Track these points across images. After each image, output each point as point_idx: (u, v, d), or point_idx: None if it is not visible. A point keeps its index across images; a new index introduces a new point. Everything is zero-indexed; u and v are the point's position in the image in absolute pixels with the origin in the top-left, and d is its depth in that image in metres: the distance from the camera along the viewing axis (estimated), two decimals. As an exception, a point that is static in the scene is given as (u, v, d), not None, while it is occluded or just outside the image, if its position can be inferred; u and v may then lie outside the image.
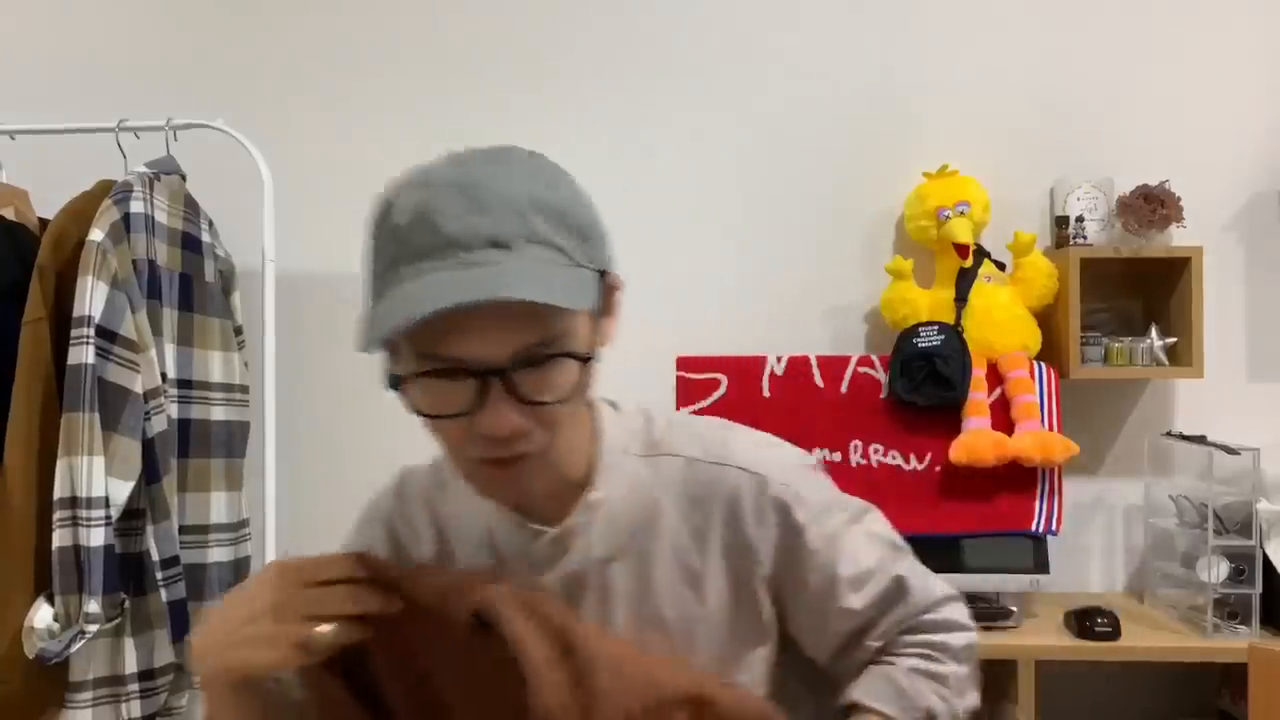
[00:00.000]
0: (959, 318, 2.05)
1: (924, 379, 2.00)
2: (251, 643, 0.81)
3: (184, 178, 1.99)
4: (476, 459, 0.81)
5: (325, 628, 0.82)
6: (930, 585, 0.97)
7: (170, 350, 1.90)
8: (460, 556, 0.96)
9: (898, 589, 0.95)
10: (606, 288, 0.85)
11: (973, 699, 0.96)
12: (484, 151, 0.81)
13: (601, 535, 0.92)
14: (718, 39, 2.25)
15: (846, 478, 2.01)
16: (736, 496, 0.93)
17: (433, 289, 0.74)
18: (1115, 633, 1.87)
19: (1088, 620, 1.88)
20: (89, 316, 1.74)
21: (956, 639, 0.96)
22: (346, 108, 2.29)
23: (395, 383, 0.80)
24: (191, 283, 1.97)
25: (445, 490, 0.99)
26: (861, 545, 0.95)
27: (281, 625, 0.81)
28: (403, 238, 0.77)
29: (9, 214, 1.91)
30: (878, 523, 0.99)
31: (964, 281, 2.08)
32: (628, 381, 2.19)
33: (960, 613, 0.97)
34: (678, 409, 2.04)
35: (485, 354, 0.76)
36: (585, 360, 0.81)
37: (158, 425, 1.81)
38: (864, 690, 0.93)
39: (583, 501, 0.91)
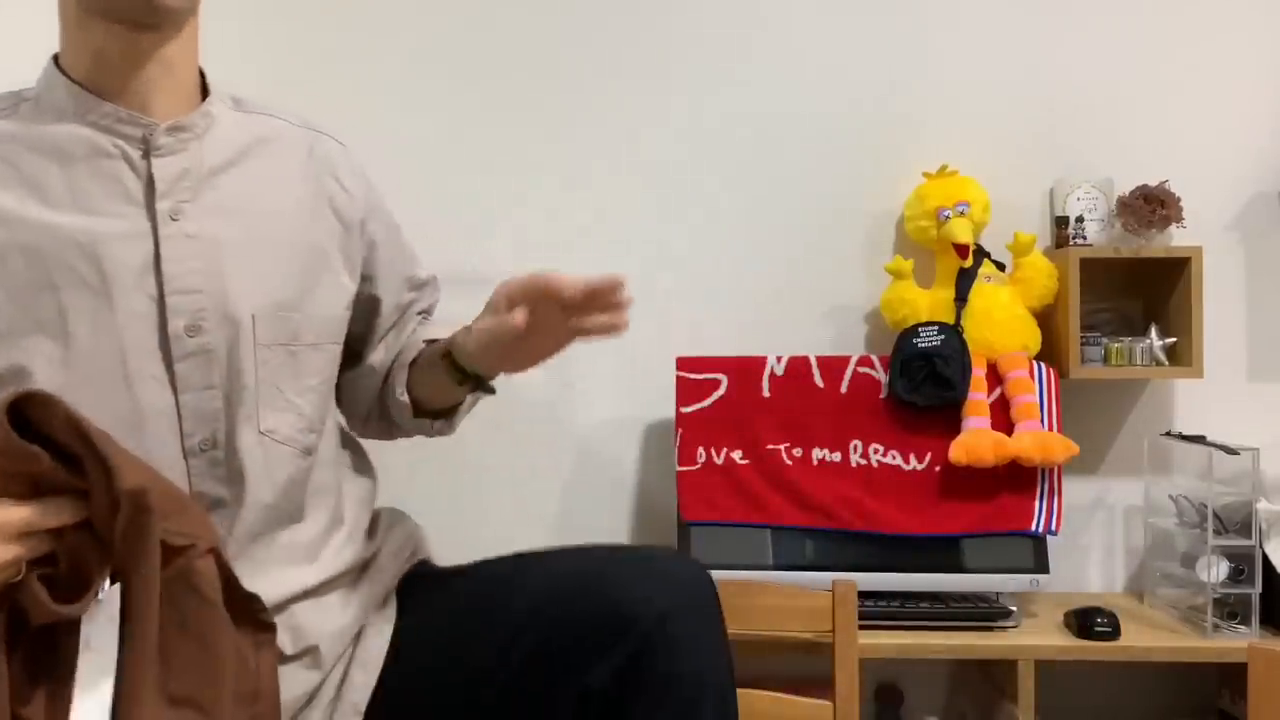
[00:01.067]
0: (959, 318, 2.05)
1: (924, 379, 2.00)
2: None
3: (184, 178, 1.98)
4: None
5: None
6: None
7: (170, 350, 1.90)
8: (31, 172, 0.99)
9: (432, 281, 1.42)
10: None
11: None
12: None
13: (214, 147, 1.07)
14: (718, 38, 2.25)
15: (847, 478, 2.01)
16: (333, 156, 1.19)
17: None
18: (1115, 633, 1.87)
19: (1087, 620, 1.88)
20: (89, 316, 1.73)
21: None
22: (346, 108, 2.29)
23: None
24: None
25: (35, 108, 1.04)
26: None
27: None
28: None
29: (9, 214, 1.90)
30: None
31: (964, 282, 2.08)
32: (628, 381, 2.21)
33: None
34: (678, 409, 2.04)
35: None
36: None
37: (157, 425, 1.81)
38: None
39: (201, 107, 1.08)
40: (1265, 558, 1.91)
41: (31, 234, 0.96)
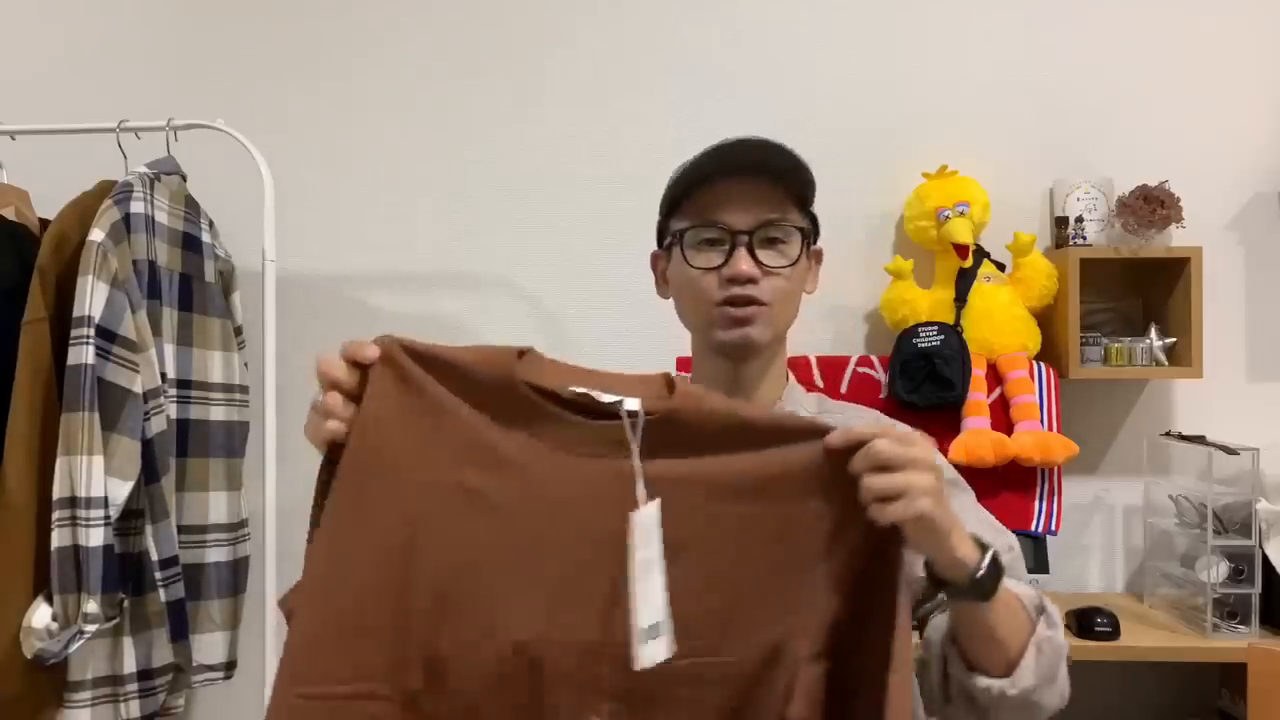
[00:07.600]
0: (958, 318, 2.05)
1: (924, 379, 2.00)
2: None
3: (184, 178, 1.99)
4: (721, 300, 1.17)
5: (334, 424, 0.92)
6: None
7: (170, 350, 1.90)
8: None
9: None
10: (813, 252, 1.26)
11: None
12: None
13: None
14: (718, 40, 2.25)
15: (846, 478, 2.00)
16: None
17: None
18: (1115, 633, 1.87)
19: (1087, 620, 1.88)
20: (89, 317, 1.73)
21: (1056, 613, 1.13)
22: (347, 108, 2.29)
23: (670, 241, 1.25)
24: (191, 283, 1.97)
25: None
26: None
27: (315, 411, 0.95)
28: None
29: (9, 214, 1.90)
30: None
31: (963, 282, 2.08)
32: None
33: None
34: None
35: (737, 221, 1.18)
36: (804, 239, 1.21)
37: (157, 425, 1.81)
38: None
39: (775, 408, 1.23)
40: (1265, 558, 1.92)
41: None
